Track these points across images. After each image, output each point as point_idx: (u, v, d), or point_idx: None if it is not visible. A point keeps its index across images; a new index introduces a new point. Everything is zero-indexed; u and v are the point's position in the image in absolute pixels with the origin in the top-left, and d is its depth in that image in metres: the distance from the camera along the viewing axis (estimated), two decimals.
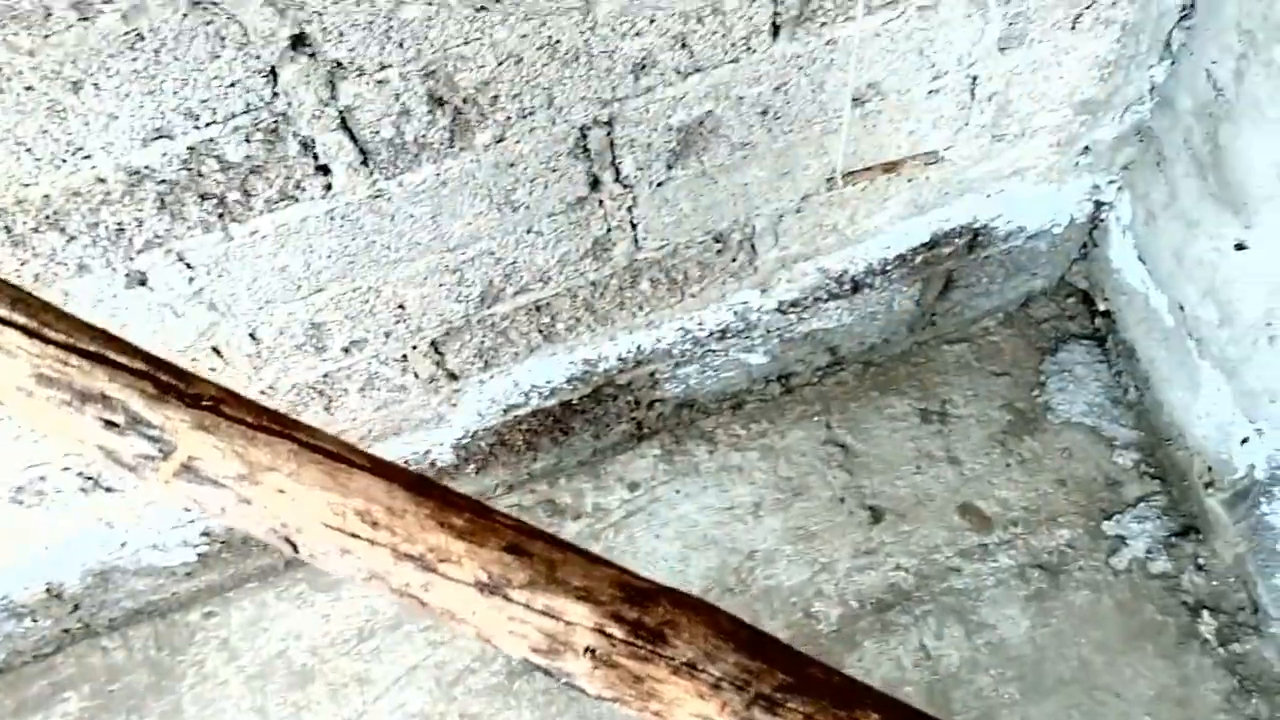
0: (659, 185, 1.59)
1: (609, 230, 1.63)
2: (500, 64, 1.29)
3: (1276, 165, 1.59)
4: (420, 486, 0.63)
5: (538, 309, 1.74)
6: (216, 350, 1.60)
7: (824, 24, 1.43)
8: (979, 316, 2.36)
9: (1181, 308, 1.96)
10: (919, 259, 2.05)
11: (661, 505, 2.21)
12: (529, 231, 1.57)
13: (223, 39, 1.14)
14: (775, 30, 1.41)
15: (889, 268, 2.04)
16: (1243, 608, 2.05)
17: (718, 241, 1.77)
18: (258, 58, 1.17)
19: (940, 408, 2.31)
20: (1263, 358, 1.76)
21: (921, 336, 2.34)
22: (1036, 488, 2.20)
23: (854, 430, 2.29)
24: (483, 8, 1.22)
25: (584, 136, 1.45)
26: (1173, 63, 1.76)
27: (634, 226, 1.65)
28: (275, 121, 1.25)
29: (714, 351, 2.06)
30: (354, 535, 0.60)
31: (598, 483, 2.24)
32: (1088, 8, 1.60)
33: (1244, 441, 1.89)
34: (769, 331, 2.08)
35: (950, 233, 2.01)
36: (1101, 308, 2.27)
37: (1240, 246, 1.73)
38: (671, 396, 2.15)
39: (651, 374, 2.04)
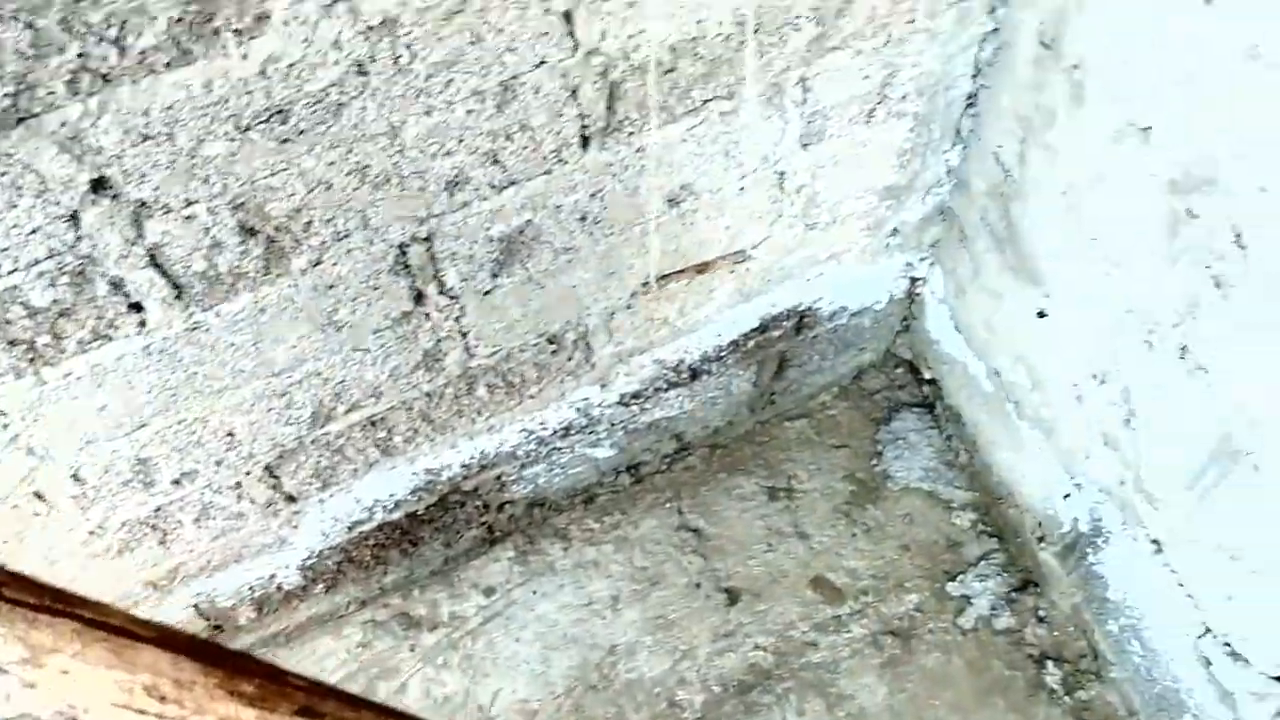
0: (486, 294, 1.61)
1: (439, 341, 1.64)
2: (310, 191, 1.30)
3: (1061, 240, 1.71)
4: (209, 654, 0.62)
5: (373, 424, 1.73)
6: (39, 495, 1.55)
7: (631, 133, 1.49)
8: (815, 392, 2.44)
9: (997, 373, 2.06)
10: (751, 343, 2.11)
11: (519, 607, 2.19)
12: (356, 349, 1.57)
13: (19, 188, 1.12)
14: (585, 141, 1.46)
15: (723, 354, 2.10)
16: (1084, 655, 2.14)
17: (551, 343, 1.80)
18: (57, 204, 1.15)
19: (786, 484, 2.37)
20: (1073, 417, 1.86)
21: (762, 416, 2.41)
22: (882, 555, 2.27)
23: (705, 514, 2.32)
24: (287, 140, 1.23)
25: (403, 253, 1.46)
26: (964, 148, 1.87)
27: (464, 335, 1.66)
28: (81, 264, 1.23)
29: (559, 449, 2.08)
30: (142, 711, 0.59)
31: (452, 590, 2.22)
32: (879, 103, 1.69)
33: (1066, 496, 1.99)
34: (613, 425, 2.11)
35: (778, 317, 2.08)
36: (927, 376, 2.38)
37: (1041, 314, 1.84)
38: (521, 497, 2.16)
39: (498, 477, 2.05)
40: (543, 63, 1.31)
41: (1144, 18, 1.40)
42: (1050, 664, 2.15)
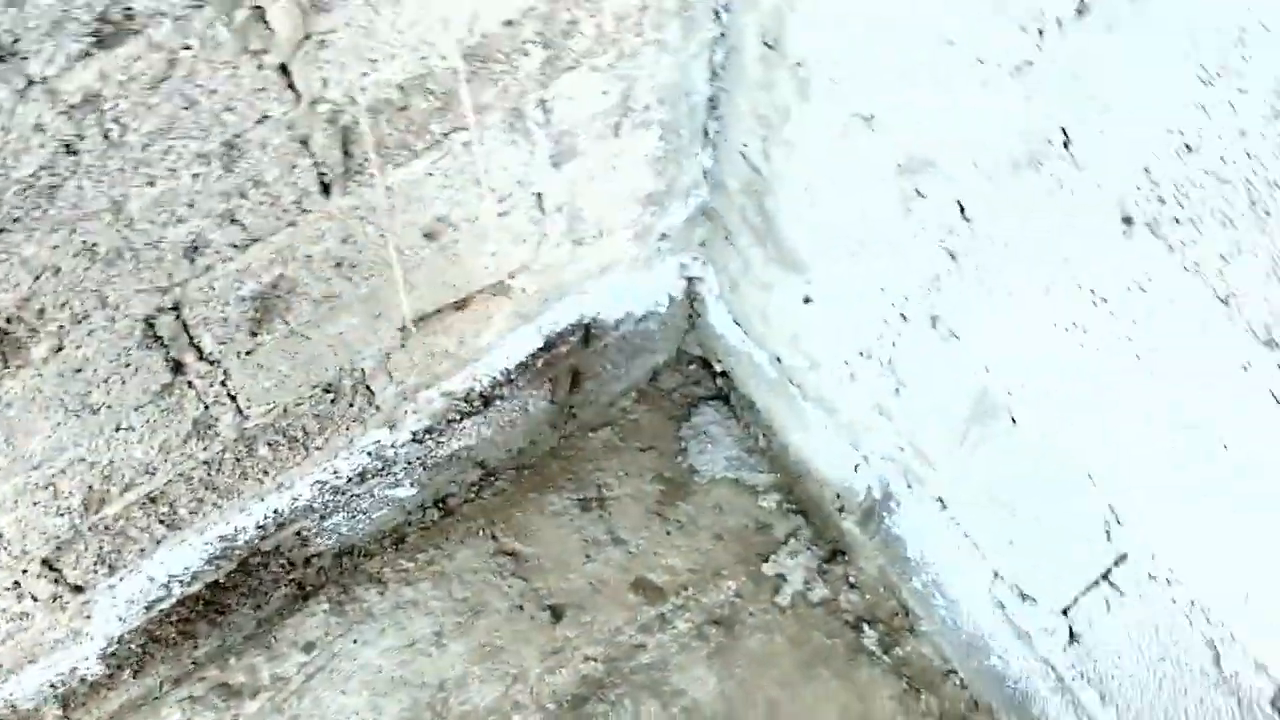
0: (248, 354, 1.57)
1: (207, 408, 1.60)
2: (37, 278, 1.25)
3: (813, 229, 1.78)
4: None
5: (152, 501, 1.67)
6: None
7: (373, 174, 1.48)
8: (614, 399, 2.47)
9: (779, 359, 2.14)
10: (540, 362, 2.13)
11: (341, 659, 2.15)
12: (118, 429, 1.51)
13: None
14: (325, 188, 1.44)
15: (514, 377, 2.11)
16: (896, 614, 2.24)
17: (329, 392, 1.77)
18: None
19: (597, 494, 2.39)
20: (849, 394, 1.95)
21: (565, 430, 2.42)
22: (698, 548, 2.32)
23: (520, 536, 2.32)
24: (2, 230, 1.17)
25: (151, 326, 1.41)
26: (715, 149, 1.93)
27: (233, 398, 1.62)
28: None
29: (358, 495, 2.05)
30: None
31: (270, 652, 2.16)
32: (624, 116, 1.73)
33: (856, 467, 2.08)
34: (410, 463, 2.09)
35: (563, 333, 2.10)
36: (719, 369, 2.44)
37: (807, 300, 1.92)
38: (327, 548, 2.11)
39: (298, 532, 2.00)
40: (266, 118, 1.29)
41: (853, 11, 1.46)
42: (866, 627, 2.24)
